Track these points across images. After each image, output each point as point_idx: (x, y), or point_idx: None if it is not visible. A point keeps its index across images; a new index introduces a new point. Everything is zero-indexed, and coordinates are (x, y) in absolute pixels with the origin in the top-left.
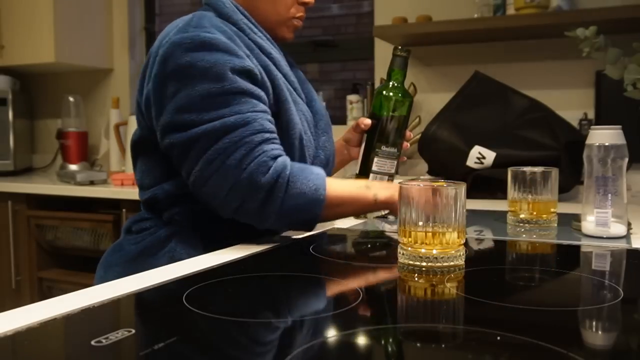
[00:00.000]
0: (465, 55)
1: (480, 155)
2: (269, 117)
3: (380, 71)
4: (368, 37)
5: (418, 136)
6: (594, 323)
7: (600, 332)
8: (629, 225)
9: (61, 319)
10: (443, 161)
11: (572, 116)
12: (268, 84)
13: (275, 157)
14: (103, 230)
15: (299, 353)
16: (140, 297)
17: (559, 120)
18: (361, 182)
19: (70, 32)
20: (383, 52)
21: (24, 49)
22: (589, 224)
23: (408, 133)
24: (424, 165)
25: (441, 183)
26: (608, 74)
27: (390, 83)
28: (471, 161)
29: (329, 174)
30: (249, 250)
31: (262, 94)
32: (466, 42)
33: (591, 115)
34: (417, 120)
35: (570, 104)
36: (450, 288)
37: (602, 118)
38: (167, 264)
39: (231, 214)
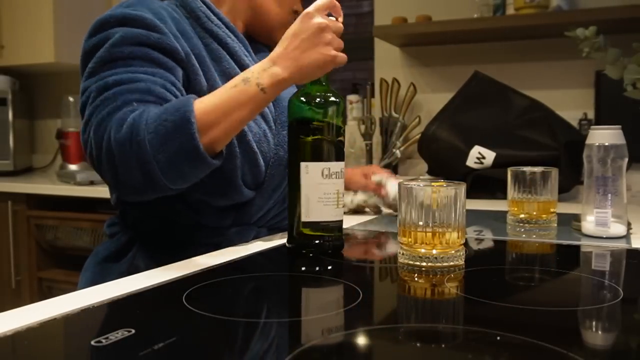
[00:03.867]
0: (465, 55)
1: (480, 155)
2: (172, 87)
3: (381, 71)
4: (368, 37)
5: (418, 136)
6: (594, 323)
7: (600, 332)
8: (628, 225)
9: (61, 319)
10: (443, 161)
11: (572, 116)
12: (197, 68)
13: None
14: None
15: (299, 353)
16: (140, 297)
17: (559, 120)
18: (237, 78)
19: (70, 32)
20: (383, 52)
21: (24, 49)
22: (589, 224)
23: None
24: (423, 165)
25: (441, 183)
26: (608, 74)
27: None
28: (471, 161)
29: None
30: (248, 250)
31: (176, 67)
32: (466, 42)
33: (591, 115)
34: (417, 120)
35: (570, 104)
36: (450, 288)
37: (602, 118)
38: (127, 271)
39: (128, 190)
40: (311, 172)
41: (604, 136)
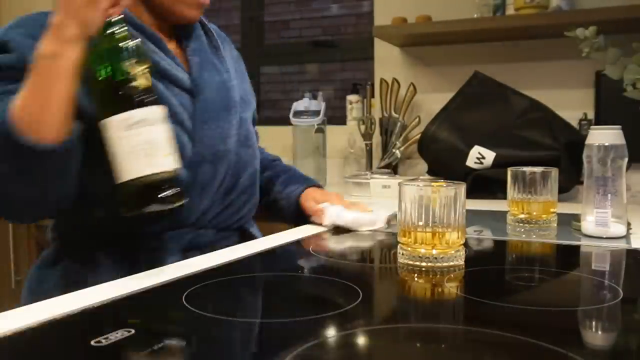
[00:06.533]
0: (465, 55)
1: (480, 155)
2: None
3: (381, 71)
4: (368, 37)
5: (418, 136)
6: (594, 323)
7: (600, 332)
8: (628, 225)
9: (61, 319)
10: (443, 161)
11: (572, 116)
12: None
13: None
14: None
15: (299, 353)
16: (140, 297)
17: (559, 120)
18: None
19: None
20: (383, 52)
21: None
22: (589, 224)
23: None
24: (423, 165)
25: (441, 183)
26: (608, 74)
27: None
28: (471, 161)
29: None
30: (249, 250)
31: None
32: (466, 42)
33: (591, 115)
34: (417, 120)
35: (570, 104)
36: (450, 288)
37: (602, 118)
38: (60, 282)
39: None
40: (111, 129)
41: (604, 136)
